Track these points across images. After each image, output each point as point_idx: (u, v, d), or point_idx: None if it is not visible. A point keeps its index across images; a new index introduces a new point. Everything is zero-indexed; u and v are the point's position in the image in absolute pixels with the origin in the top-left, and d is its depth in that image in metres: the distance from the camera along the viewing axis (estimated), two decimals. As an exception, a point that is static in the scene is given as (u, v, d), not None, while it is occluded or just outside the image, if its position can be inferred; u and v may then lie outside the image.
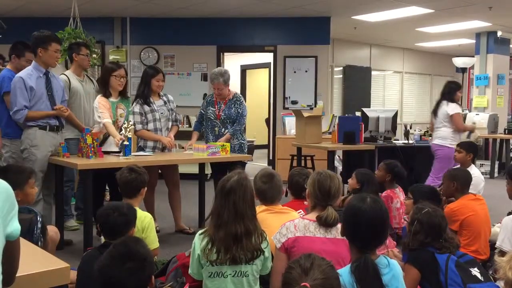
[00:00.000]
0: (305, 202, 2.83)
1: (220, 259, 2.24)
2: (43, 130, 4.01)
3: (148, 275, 1.76)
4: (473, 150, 4.74)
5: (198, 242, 2.32)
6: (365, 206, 1.99)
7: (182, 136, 5.85)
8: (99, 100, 4.34)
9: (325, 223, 2.34)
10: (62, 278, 1.48)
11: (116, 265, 1.69)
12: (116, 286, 1.69)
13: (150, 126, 4.60)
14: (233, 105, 4.86)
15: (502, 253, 2.70)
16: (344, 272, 1.90)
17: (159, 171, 4.74)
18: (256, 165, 9.21)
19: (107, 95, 4.37)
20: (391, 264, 1.97)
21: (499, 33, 9.36)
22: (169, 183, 4.77)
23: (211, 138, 4.87)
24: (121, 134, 4.10)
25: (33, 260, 1.57)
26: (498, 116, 9.12)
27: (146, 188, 3.28)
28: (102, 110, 4.28)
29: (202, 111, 5.00)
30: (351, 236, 2.04)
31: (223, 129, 4.84)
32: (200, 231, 2.37)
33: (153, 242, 3.06)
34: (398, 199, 4.05)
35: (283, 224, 2.45)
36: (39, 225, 2.48)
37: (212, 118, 4.86)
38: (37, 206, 3.75)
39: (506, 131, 9.24)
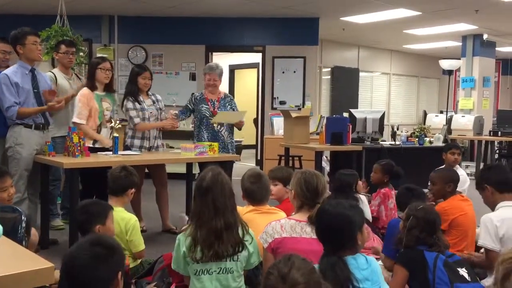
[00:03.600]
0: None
1: (204, 257, 2.26)
2: (29, 128, 3.96)
3: (116, 266, 1.62)
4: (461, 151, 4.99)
5: (183, 239, 2.33)
6: (321, 211, 2.12)
7: (170, 136, 5.82)
8: (80, 94, 4.27)
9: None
10: (46, 278, 1.46)
11: (83, 249, 1.60)
12: (79, 276, 1.56)
13: (139, 124, 4.57)
14: (228, 104, 4.90)
15: (486, 251, 2.73)
16: None
17: (147, 171, 4.71)
18: (244, 165, 9.19)
19: (93, 88, 4.33)
20: (369, 261, 2.03)
21: (485, 36, 9.47)
22: (158, 182, 4.73)
23: (205, 136, 4.83)
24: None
25: (17, 259, 1.55)
26: (484, 118, 9.22)
27: (134, 190, 3.27)
28: (80, 109, 4.21)
29: (189, 106, 4.95)
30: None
31: (219, 126, 4.82)
32: (184, 230, 2.38)
33: (138, 244, 3.06)
34: (392, 200, 4.07)
35: (269, 223, 2.46)
36: (24, 225, 2.46)
37: (208, 115, 4.82)
38: (22, 205, 3.71)
39: (491, 133, 9.36)
